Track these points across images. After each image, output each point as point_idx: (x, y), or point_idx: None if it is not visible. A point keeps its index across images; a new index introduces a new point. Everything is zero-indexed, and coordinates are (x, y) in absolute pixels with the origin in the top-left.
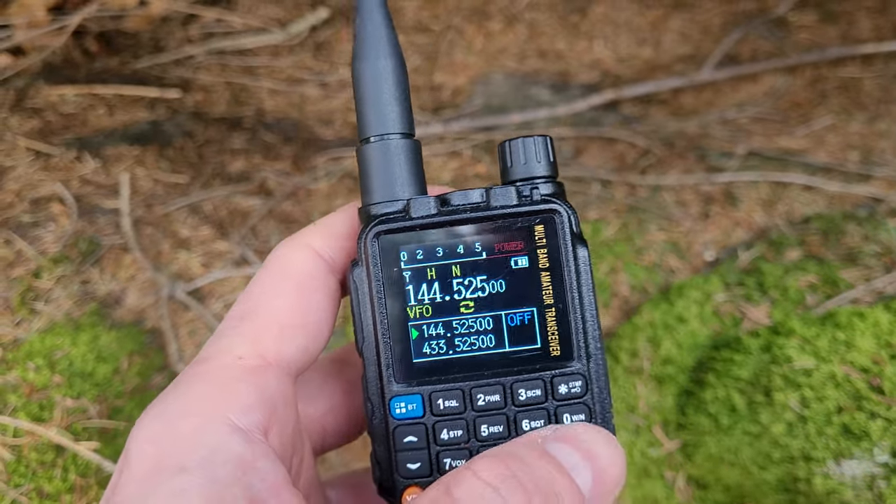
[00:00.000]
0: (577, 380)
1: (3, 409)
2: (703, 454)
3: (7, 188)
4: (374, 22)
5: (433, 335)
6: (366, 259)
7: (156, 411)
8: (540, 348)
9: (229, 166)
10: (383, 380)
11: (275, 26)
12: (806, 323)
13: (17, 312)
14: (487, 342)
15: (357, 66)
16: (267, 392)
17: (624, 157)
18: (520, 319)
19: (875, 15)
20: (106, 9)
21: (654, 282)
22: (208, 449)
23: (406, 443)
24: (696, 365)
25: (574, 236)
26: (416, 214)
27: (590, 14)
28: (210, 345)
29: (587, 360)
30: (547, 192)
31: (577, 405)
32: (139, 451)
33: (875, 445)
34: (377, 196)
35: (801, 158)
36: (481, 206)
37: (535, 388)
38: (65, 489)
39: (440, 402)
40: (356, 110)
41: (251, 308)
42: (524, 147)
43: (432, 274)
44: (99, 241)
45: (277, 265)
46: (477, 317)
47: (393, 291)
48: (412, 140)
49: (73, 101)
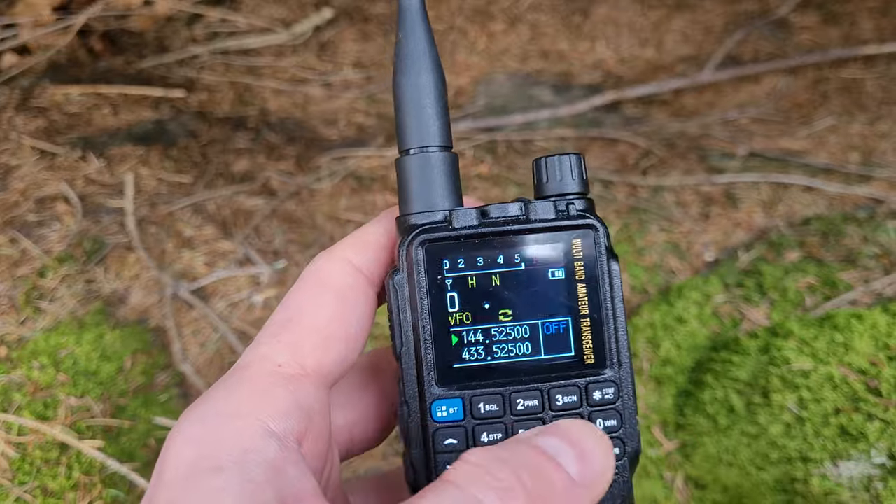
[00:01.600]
0: (610, 387)
1: (8, 408)
2: (702, 454)
3: (12, 187)
4: (417, 37)
5: (473, 341)
6: (409, 266)
7: (195, 414)
8: (574, 356)
9: (233, 166)
10: (423, 383)
11: (279, 26)
12: (804, 324)
13: (22, 311)
14: (524, 349)
15: (399, 81)
16: (304, 401)
17: (625, 157)
18: (555, 328)
19: (877, 16)
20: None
21: (655, 282)
22: (242, 450)
23: (446, 445)
24: (695, 366)
25: (608, 250)
26: (459, 225)
27: (592, 15)
28: (250, 352)
29: (619, 367)
30: (580, 209)
31: (609, 411)
32: (177, 453)
33: (872, 447)
34: (417, 206)
35: (802, 159)
36: (521, 219)
37: (571, 394)
38: (69, 487)
39: (481, 406)
40: (396, 122)
41: (291, 317)
42: (560, 164)
43: (473, 283)
44: (103, 240)
45: (316, 277)
46: (515, 325)
47: (435, 298)
48: (451, 153)
49: (78, 100)
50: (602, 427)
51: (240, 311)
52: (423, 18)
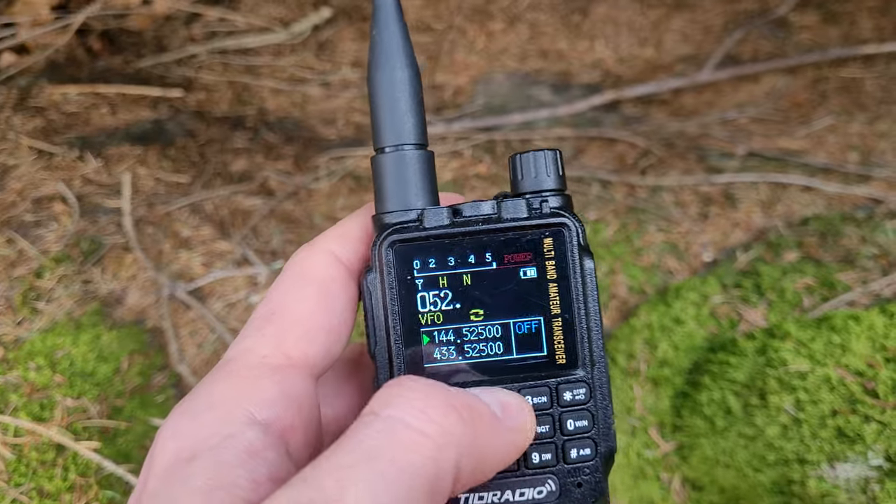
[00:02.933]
0: (582, 387)
1: (4, 409)
2: (699, 456)
3: (9, 187)
4: (391, 32)
5: (444, 341)
6: (380, 266)
7: (180, 410)
8: (546, 356)
9: (231, 166)
10: None
11: (277, 26)
12: (801, 326)
13: (18, 312)
14: (496, 349)
15: (373, 76)
16: (291, 390)
17: (624, 157)
18: (527, 328)
19: (876, 15)
20: (109, 7)
21: (653, 283)
22: (221, 437)
23: None
24: (692, 367)
25: (581, 248)
26: (430, 225)
27: (591, 14)
28: (234, 346)
29: (591, 367)
30: (556, 206)
31: (581, 411)
32: (162, 448)
33: (869, 449)
34: (391, 205)
35: (801, 159)
36: (493, 218)
37: (541, 395)
38: (65, 488)
39: None
40: (371, 119)
41: (274, 310)
42: (535, 161)
43: (444, 282)
44: (100, 240)
45: (298, 269)
46: (486, 324)
47: (405, 298)
48: (426, 151)
49: (76, 100)
50: (573, 427)
51: (237, 311)
52: (398, 15)
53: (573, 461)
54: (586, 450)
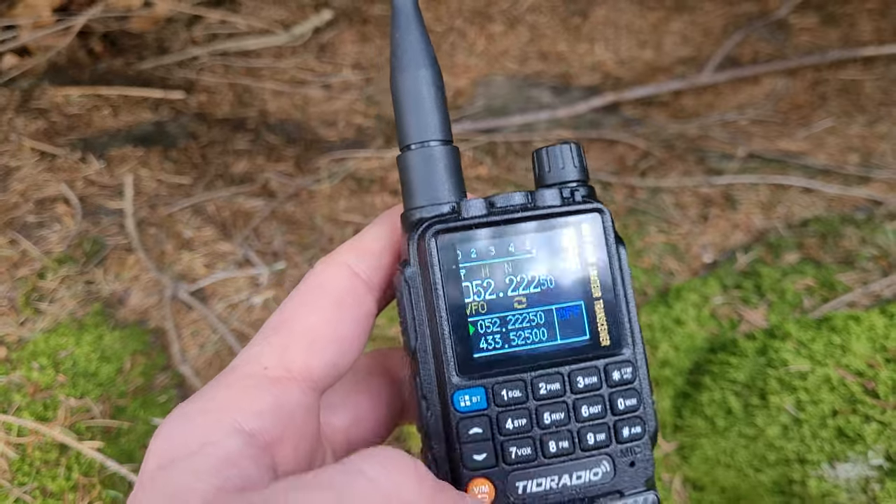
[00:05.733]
0: (628, 366)
1: (7, 409)
2: (700, 456)
3: (12, 189)
4: (412, 33)
5: (490, 330)
6: (421, 258)
7: (177, 412)
8: (589, 339)
9: (232, 167)
10: (444, 375)
11: (278, 28)
12: (802, 326)
13: (21, 312)
14: (540, 335)
15: (397, 77)
16: (285, 403)
17: (624, 159)
18: (569, 313)
19: (876, 17)
20: (111, 10)
21: (654, 284)
22: (201, 443)
23: (471, 434)
24: (693, 367)
25: (616, 234)
26: (469, 214)
27: (591, 16)
28: (240, 355)
29: (633, 347)
30: (585, 194)
31: (629, 390)
32: (153, 450)
33: (869, 449)
34: (422, 200)
35: (801, 161)
36: (529, 207)
37: (591, 376)
38: (68, 488)
39: (504, 393)
40: (396, 120)
41: (284, 321)
42: (561, 153)
43: (486, 271)
44: (103, 241)
45: (314, 282)
46: (530, 311)
47: (451, 288)
48: (452, 146)
49: (78, 101)
50: (623, 407)
51: (239, 312)
52: (418, 17)
53: (625, 440)
54: (637, 428)
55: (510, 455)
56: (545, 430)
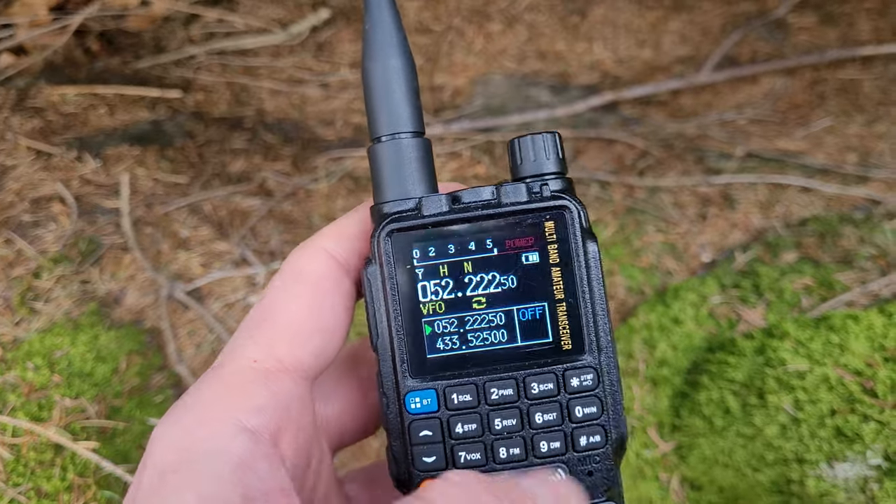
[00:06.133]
0: (589, 373)
1: (2, 409)
2: (698, 456)
3: (8, 188)
4: (384, 22)
5: (446, 331)
6: (379, 257)
7: (172, 417)
8: (551, 342)
9: (229, 166)
10: (398, 375)
11: (276, 27)
12: (800, 325)
13: (16, 312)
14: (500, 337)
15: (367, 66)
16: (280, 395)
17: (622, 158)
18: (531, 314)
19: (875, 17)
20: (108, 8)
21: (651, 283)
22: (210, 447)
23: (421, 437)
24: (690, 367)
25: (584, 231)
26: (428, 212)
27: (589, 15)
28: (226, 351)
29: (598, 353)
30: (556, 189)
31: (589, 397)
32: (152, 455)
33: (868, 448)
34: (389, 194)
35: (800, 160)
36: (492, 203)
37: (547, 382)
38: (63, 488)
39: (454, 397)
40: (366, 110)
41: (266, 313)
42: (533, 144)
43: (445, 271)
44: (99, 240)
45: (291, 270)
46: (489, 312)
47: (406, 288)
48: (423, 138)
49: (74, 100)
50: (581, 414)
51: (236, 312)
52: (391, 5)
53: (583, 449)
54: (596, 437)
55: (459, 459)
56: (496, 436)
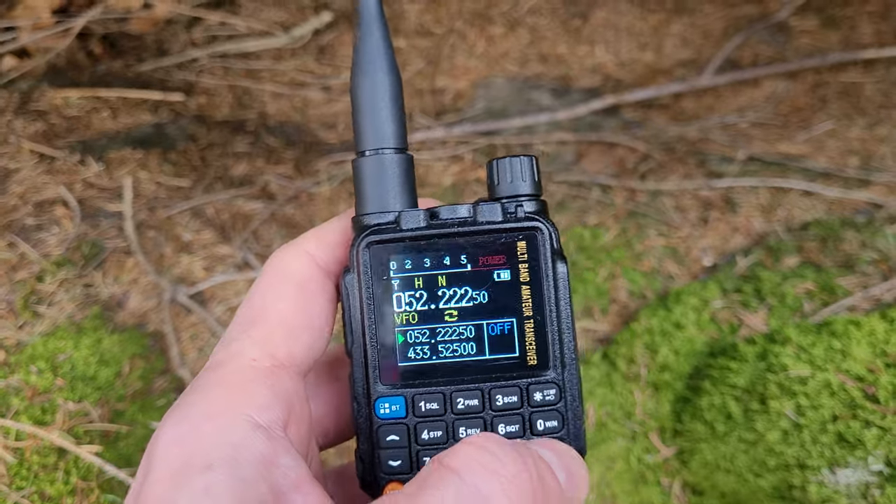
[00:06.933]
0: (552, 388)
1: (5, 413)
2: (699, 461)
3: (11, 191)
4: (374, 37)
5: (418, 341)
6: (357, 267)
7: (177, 415)
8: (518, 357)
9: (232, 170)
10: (369, 381)
11: (278, 30)
12: (802, 331)
13: (20, 316)
14: (469, 349)
15: (356, 81)
16: (282, 391)
17: (624, 161)
18: (500, 329)
19: (877, 20)
20: (110, 11)
21: (653, 287)
22: (232, 447)
23: (389, 441)
24: (692, 372)
25: (554, 252)
26: (406, 227)
27: (591, 19)
28: (221, 350)
29: (562, 369)
30: (531, 210)
31: (550, 412)
32: (164, 454)
33: (870, 454)
34: (370, 207)
35: (801, 164)
36: (468, 221)
37: (511, 395)
38: (66, 492)
39: (422, 405)
40: (353, 124)
41: (257, 312)
42: (510, 166)
43: (419, 283)
44: (102, 244)
45: (277, 270)
46: (460, 325)
47: (382, 298)
48: (405, 154)
49: (77, 103)
50: (543, 428)
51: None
52: (381, 19)
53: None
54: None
55: (424, 464)
56: None
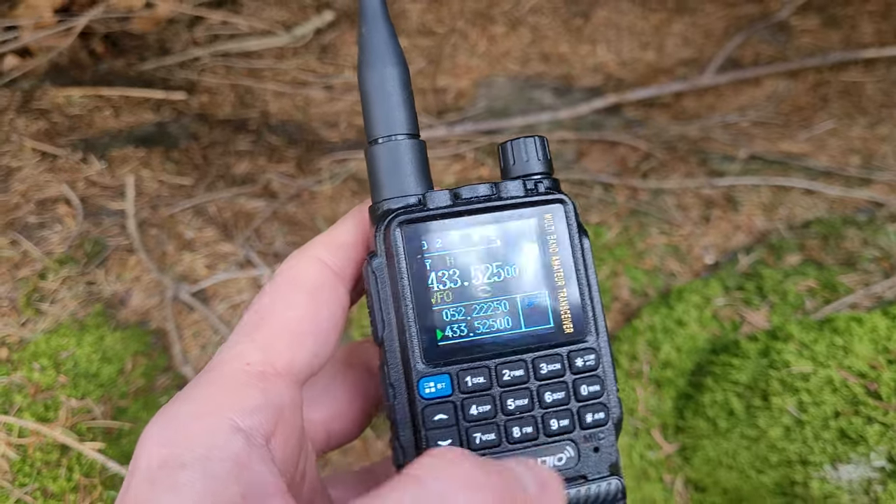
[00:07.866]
0: (591, 354)
1: (8, 409)
2: (702, 457)
3: (14, 189)
4: (379, 30)
5: (455, 318)
6: (388, 249)
7: (165, 414)
8: (553, 327)
9: (234, 168)
10: (409, 363)
11: (280, 29)
12: (804, 328)
13: (22, 313)
14: (505, 323)
15: (364, 74)
16: (273, 397)
17: (626, 160)
18: (534, 301)
19: (877, 19)
20: (112, 10)
21: (655, 285)
22: (207, 446)
23: (437, 421)
24: (695, 369)
25: (579, 225)
26: (434, 205)
27: (593, 18)
28: (221, 352)
29: (597, 336)
30: (549, 186)
31: (592, 377)
32: (147, 453)
33: (872, 450)
34: (388, 192)
35: (803, 162)
36: (492, 198)
37: (554, 363)
38: (69, 489)
39: (468, 380)
40: (364, 115)
41: (263, 317)
42: (525, 146)
43: (452, 261)
44: (104, 242)
45: (287, 276)
46: (494, 300)
47: (416, 279)
48: (419, 140)
49: (80, 102)
50: (587, 393)
51: (240, 313)
52: (384, 13)
53: (589, 426)
54: (600, 414)
55: (475, 441)
56: (509, 416)
